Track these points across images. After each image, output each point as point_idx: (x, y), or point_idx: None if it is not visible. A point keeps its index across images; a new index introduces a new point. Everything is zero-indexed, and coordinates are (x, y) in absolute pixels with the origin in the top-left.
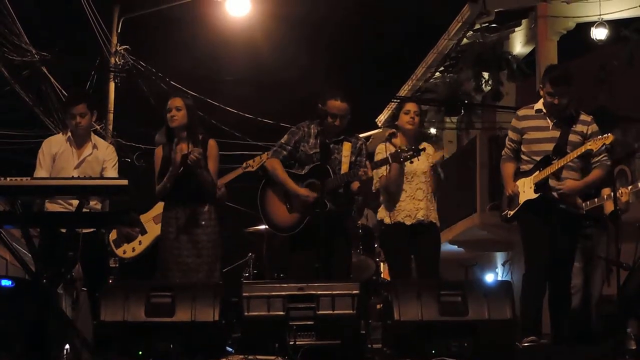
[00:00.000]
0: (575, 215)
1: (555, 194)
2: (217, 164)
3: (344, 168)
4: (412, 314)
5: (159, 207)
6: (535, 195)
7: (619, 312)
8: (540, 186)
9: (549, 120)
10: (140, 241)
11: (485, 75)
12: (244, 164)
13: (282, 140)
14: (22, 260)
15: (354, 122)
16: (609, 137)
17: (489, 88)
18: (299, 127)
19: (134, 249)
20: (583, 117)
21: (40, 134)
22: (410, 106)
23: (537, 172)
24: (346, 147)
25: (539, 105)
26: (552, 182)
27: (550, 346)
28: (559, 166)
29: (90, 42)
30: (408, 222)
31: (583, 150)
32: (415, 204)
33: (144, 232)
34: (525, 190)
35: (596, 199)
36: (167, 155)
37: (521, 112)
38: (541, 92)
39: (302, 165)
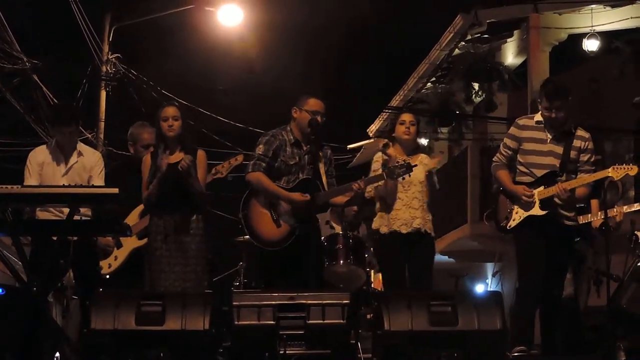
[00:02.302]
0: (572, 228)
1: (561, 210)
2: (206, 174)
3: (324, 179)
4: (402, 324)
5: (134, 217)
6: (542, 212)
7: (608, 323)
8: (546, 203)
9: (548, 134)
10: (116, 256)
11: (476, 86)
12: (213, 170)
13: (260, 152)
14: (13, 268)
15: (347, 132)
16: (633, 169)
17: (480, 99)
18: (274, 135)
19: (110, 265)
20: (581, 132)
21: (31, 142)
22: (406, 117)
23: (541, 188)
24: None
25: (539, 116)
26: (556, 199)
27: (540, 356)
28: (571, 187)
29: (81, 50)
30: (404, 231)
31: (602, 177)
32: (411, 212)
33: (119, 245)
34: (530, 204)
35: (589, 215)
36: (157, 164)
37: (521, 122)
38: (539, 106)
39: (280, 176)
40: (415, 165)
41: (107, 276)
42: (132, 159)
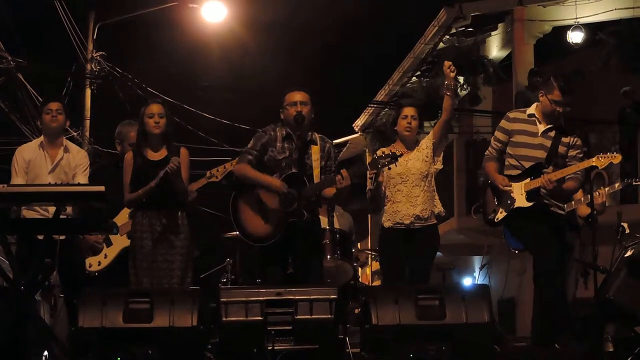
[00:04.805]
0: (563, 218)
1: (545, 200)
2: (189, 172)
3: (316, 173)
4: (390, 318)
5: (124, 216)
6: (528, 204)
7: (596, 314)
8: (532, 194)
9: (539, 127)
10: (105, 254)
11: (461, 79)
12: (208, 174)
13: (248, 146)
14: (0, 267)
15: (333, 127)
16: (617, 157)
17: (465, 92)
18: (265, 130)
19: (99, 263)
20: (570, 128)
21: (16, 141)
22: (408, 111)
23: (528, 180)
24: (315, 151)
25: (532, 110)
26: (542, 190)
27: (529, 348)
28: (556, 178)
29: (66, 48)
30: (407, 221)
31: (586, 166)
32: (412, 200)
33: (109, 243)
34: (516, 196)
35: (573, 202)
36: (140, 163)
37: (512, 115)
38: (541, 98)
39: (271, 171)
40: (401, 155)
41: (96, 274)
42: (120, 157)
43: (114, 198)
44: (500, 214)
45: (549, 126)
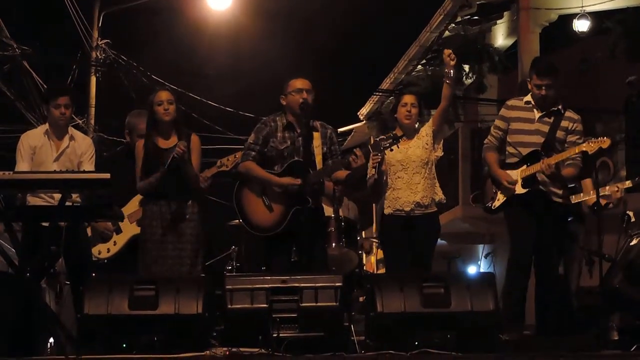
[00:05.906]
0: (562, 206)
1: (542, 187)
2: (200, 159)
3: (318, 160)
4: (395, 305)
5: (134, 204)
6: (523, 191)
7: (601, 303)
8: (528, 181)
9: (536, 113)
10: (115, 241)
11: (466, 68)
12: (218, 163)
13: (250, 141)
14: (6, 255)
15: (338, 116)
16: (605, 142)
17: (470, 81)
18: (265, 122)
19: (109, 250)
20: (570, 114)
21: (22, 128)
22: (407, 98)
23: (524, 167)
24: (316, 137)
25: (528, 97)
26: (539, 176)
27: (534, 337)
28: (555, 161)
29: (71, 36)
30: (407, 208)
31: (577, 152)
32: (413, 187)
33: (118, 231)
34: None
35: (582, 194)
36: (151, 151)
37: (510, 103)
38: (529, 85)
39: (273, 162)
40: (402, 136)
41: (105, 261)
42: (129, 146)
43: (124, 187)
44: (498, 202)
45: (546, 112)
